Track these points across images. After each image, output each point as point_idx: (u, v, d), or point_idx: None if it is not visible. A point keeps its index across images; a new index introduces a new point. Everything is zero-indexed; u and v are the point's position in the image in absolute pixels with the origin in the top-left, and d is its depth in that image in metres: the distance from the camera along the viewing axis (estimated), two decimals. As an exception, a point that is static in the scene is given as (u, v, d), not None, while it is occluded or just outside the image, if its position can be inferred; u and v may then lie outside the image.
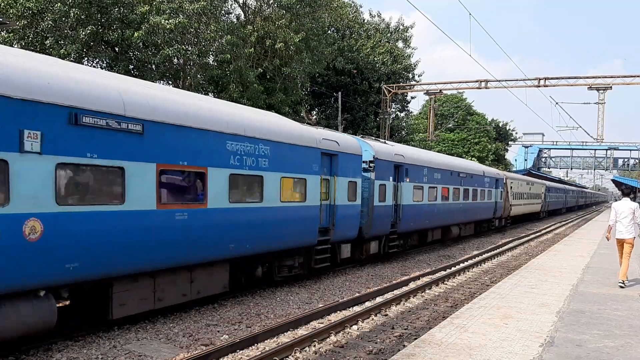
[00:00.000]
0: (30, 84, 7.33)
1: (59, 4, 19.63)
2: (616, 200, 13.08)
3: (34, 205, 7.27)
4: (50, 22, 19.98)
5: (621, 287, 12.09)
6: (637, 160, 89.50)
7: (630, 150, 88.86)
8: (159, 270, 9.56)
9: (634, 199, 13.05)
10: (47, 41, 20.63)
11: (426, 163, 21.39)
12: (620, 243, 12.49)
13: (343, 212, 15.17)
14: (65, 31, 20.47)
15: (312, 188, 13.65)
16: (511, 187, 36.41)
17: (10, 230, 6.99)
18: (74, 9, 19.63)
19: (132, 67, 23.19)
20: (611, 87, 35.18)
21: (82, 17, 20.18)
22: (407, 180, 19.08)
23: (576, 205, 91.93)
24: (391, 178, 18.13)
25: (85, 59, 22.14)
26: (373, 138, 20.22)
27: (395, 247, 18.97)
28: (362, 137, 18.48)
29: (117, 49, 22.67)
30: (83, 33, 20.07)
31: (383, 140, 20.69)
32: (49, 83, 7.58)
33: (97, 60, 22.79)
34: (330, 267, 15.47)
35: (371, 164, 16.97)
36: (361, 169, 16.18)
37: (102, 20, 21.55)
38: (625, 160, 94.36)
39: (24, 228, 7.13)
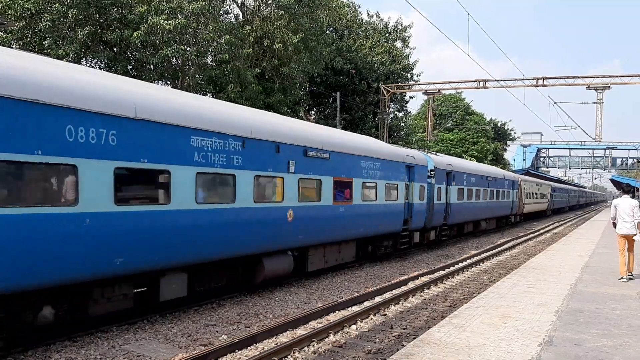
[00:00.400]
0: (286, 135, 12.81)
1: (57, 4, 19.62)
2: (614, 199, 13.44)
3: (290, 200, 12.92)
4: (48, 23, 19.97)
5: (630, 278, 12.81)
6: (635, 160, 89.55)
7: (629, 149, 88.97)
8: (327, 244, 15.04)
9: (633, 197, 13.51)
10: (46, 42, 20.61)
11: (466, 170, 26.88)
12: (623, 239, 12.78)
13: (416, 209, 20.34)
14: (64, 31, 20.46)
15: (400, 191, 19.06)
16: (524, 188, 41.47)
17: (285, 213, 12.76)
18: (72, 10, 19.61)
19: (131, 67, 23.18)
20: (609, 86, 35.22)
21: (81, 17, 20.17)
22: (454, 184, 24.25)
23: (577, 204, 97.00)
24: (444, 182, 23.17)
25: (84, 59, 22.12)
26: (434, 153, 25.88)
27: (445, 236, 24.12)
28: (426, 151, 24.45)
29: (115, 49, 22.66)
30: (81, 33, 20.05)
31: (434, 153, 26.05)
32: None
33: (96, 60, 22.77)
34: (406, 248, 20.72)
35: (432, 172, 22.04)
36: (427, 176, 21.22)
37: (101, 20, 21.54)
38: (624, 159, 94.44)
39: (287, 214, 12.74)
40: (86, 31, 20.09)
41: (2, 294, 7.12)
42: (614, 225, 13.09)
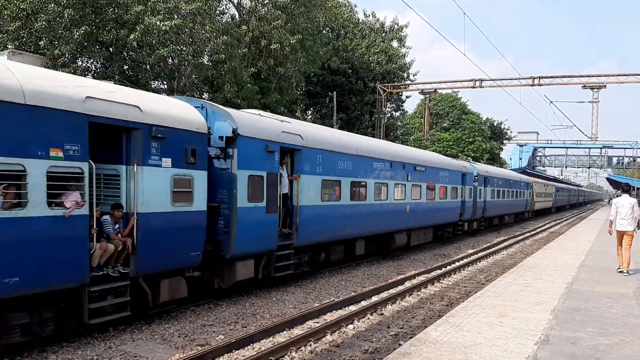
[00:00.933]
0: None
1: (53, 4, 19.57)
2: (611, 198, 13.73)
3: (408, 199, 20.67)
4: (44, 23, 19.91)
5: (625, 275, 13.52)
6: (631, 159, 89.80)
7: (625, 148, 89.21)
8: (420, 228, 22.16)
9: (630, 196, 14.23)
10: (42, 42, 20.57)
11: (496, 175, 34.16)
12: (621, 235, 13.54)
13: (468, 205, 27.83)
14: (60, 32, 20.41)
15: (458, 192, 26.50)
16: (534, 189, 48.42)
17: None
18: (68, 10, 19.57)
19: (127, 67, 23.14)
20: (605, 85, 35.32)
21: (76, 17, 20.12)
22: (488, 186, 30.57)
23: (577, 203, 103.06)
24: (483, 185, 29.53)
25: (80, 59, 22.08)
26: (479, 163, 37.25)
27: (482, 226, 31.07)
28: (471, 161, 33.52)
29: (111, 50, 22.61)
30: (77, 33, 20.00)
31: (476, 162, 35.27)
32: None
33: (92, 60, 22.73)
34: (461, 233, 28.71)
35: (476, 177, 29.49)
36: (472, 180, 27.42)
37: (97, 20, 21.49)
38: (620, 158, 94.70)
39: (406, 208, 20.40)
40: (82, 31, 20.04)
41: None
42: (610, 224, 13.86)
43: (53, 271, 7.56)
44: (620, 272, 13.83)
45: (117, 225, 8.80)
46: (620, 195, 14.32)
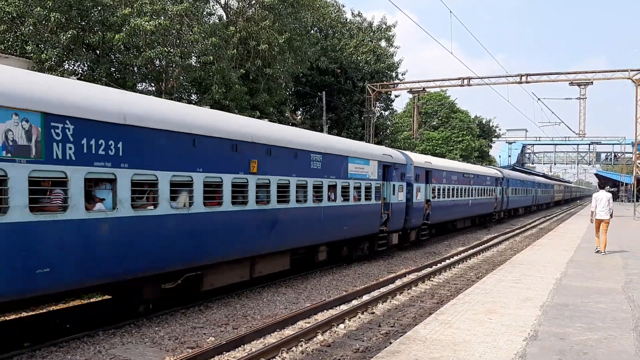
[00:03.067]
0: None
1: (38, 7, 19.41)
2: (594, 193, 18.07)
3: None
4: (30, 27, 19.75)
5: (602, 254, 16.63)
6: (619, 154, 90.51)
7: (612, 144, 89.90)
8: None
9: (609, 190, 17.66)
10: (28, 46, 20.40)
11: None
12: (599, 222, 16.81)
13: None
14: (46, 35, 20.24)
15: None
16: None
17: None
18: (54, 13, 19.40)
19: (114, 69, 22.99)
20: (592, 82, 35.56)
21: (63, 20, 19.96)
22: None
23: (570, 198, 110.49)
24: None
25: (66, 62, 21.90)
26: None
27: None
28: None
29: (98, 52, 22.45)
30: (64, 37, 19.85)
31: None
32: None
33: (79, 63, 22.56)
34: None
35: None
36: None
37: (83, 23, 21.33)
38: (608, 154, 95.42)
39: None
40: (69, 35, 19.89)
41: None
42: (592, 214, 17.03)
43: None
44: (597, 252, 16.98)
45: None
46: (599, 191, 17.39)
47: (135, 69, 22.81)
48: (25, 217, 7.30)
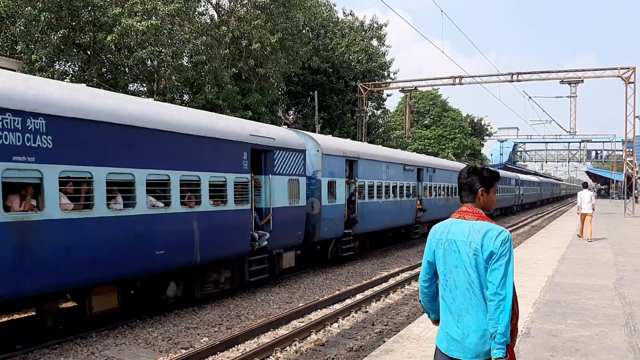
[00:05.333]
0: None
1: (29, 7, 19.30)
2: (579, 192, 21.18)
3: None
4: (20, 27, 19.64)
5: (589, 241, 19.62)
6: (609, 152, 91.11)
7: (603, 142, 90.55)
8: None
9: (590, 189, 21.60)
10: (18, 46, 20.30)
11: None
12: (584, 216, 20.00)
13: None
14: (36, 35, 20.14)
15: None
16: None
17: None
18: (44, 13, 19.31)
19: (105, 70, 22.90)
20: (582, 80, 35.79)
21: (53, 20, 19.87)
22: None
23: (559, 196, 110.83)
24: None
25: (57, 62, 21.80)
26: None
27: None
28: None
29: (89, 52, 22.36)
30: (54, 37, 19.75)
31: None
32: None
33: (70, 64, 22.46)
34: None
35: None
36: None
37: (73, 23, 21.24)
38: (599, 152, 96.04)
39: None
40: (59, 35, 19.80)
41: None
42: (578, 209, 20.28)
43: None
44: (579, 237, 20.67)
45: None
46: (583, 190, 20.56)
47: (127, 69, 22.72)
48: None
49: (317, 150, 15.99)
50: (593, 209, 19.91)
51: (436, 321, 3.73)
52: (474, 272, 3.36)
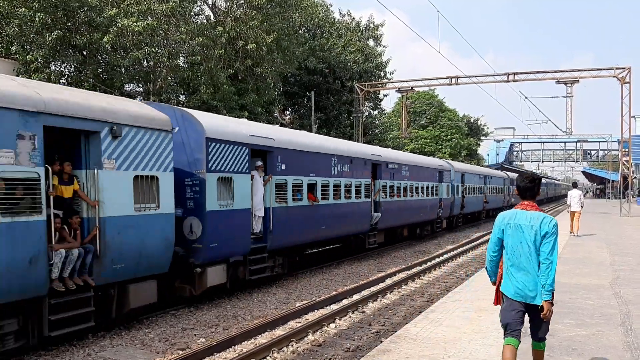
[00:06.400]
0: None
1: (23, 8, 19.24)
2: (587, 191, 19.57)
3: None
4: (15, 28, 19.57)
5: (575, 236, 20.98)
6: (606, 152, 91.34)
7: (599, 142, 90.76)
8: None
9: (580, 189, 22.99)
10: (13, 47, 20.23)
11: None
12: (573, 213, 21.43)
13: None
14: (32, 36, 20.07)
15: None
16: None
17: None
18: (39, 14, 19.24)
19: (101, 70, 22.84)
20: (578, 80, 35.81)
21: (48, 21, 19.81)
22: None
23: (554, 195, 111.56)
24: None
25: (53, 63, 21.73)
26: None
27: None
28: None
29: (85, 53, 22.30)
30: (49, 38, 19.69)
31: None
32: None
33: (66, 64, 22.40)
34: None
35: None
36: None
37: (69, 24, 21.17)
38: (594, 152, 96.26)
39: None
40: (54, 35, 19.73)
41: None
42: (568, 207, 22.22)
43: None
44: (570, 233, 21.48)
45: None
46: (572, 190, 22.20)
47: (123, 69, 22.67)
48: None
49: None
50: (582, 207, 21.49)
51: (494, 283, 5.67)
52: (532, 246, 5.13)
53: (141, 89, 25.35)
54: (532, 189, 5.39)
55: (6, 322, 7.77)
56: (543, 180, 70.66)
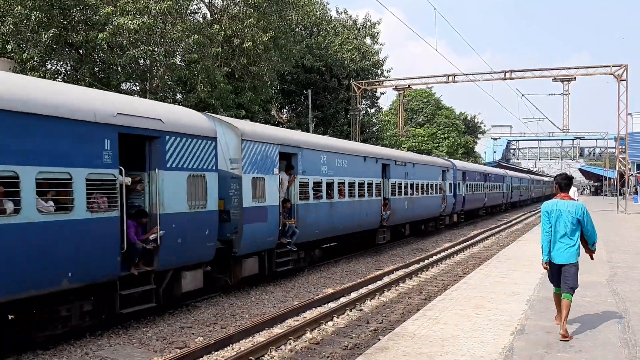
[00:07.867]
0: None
1: (19, 7, 19.16)
2: (584, 189, 19.27)
3: None
4: (11, 26, 19.49)
5: None
6: (602, 149, 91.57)
7: (596, 139, 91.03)
8: None
9: (575, 186, 22.79)
10: (9, 45, 20.14)
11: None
12: None
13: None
14: (27, 34, 19.99)
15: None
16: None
17: None
18: (35, 12, 19.16)
19: (97, 69, 22.77)
20: (575, 78, 35.86)
21: (44, 19, 19.73)
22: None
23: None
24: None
25: (49, 62, 21.66)
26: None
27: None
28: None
29: (81, 52, 22.23)
30: (45, 36, 19.61)
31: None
32: None
33: (62, 63, 22.32)
34: None
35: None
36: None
37: (65, 22, 21.09)
38: (591, 149, 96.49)
39: None
40: (50, 34, 19.65)
41: None
42: None
43: None
44: None
45: None
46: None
47: (120, 68, 22.60)
48: None
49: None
50: None
51: (546, 263, 7.57)
52: (570, 226, 7.25)
53: (138, 88, 25.28)
54: (567, 185, 7.61)
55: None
56: (525, 176, 68.58)
